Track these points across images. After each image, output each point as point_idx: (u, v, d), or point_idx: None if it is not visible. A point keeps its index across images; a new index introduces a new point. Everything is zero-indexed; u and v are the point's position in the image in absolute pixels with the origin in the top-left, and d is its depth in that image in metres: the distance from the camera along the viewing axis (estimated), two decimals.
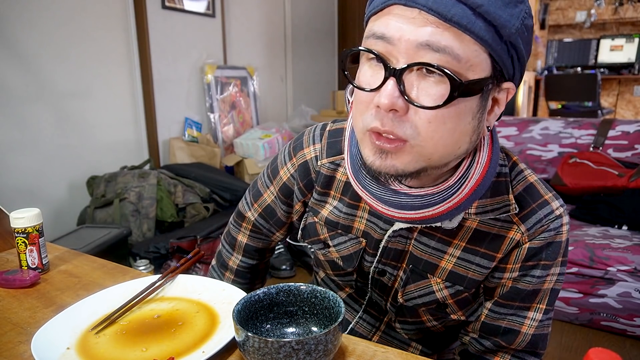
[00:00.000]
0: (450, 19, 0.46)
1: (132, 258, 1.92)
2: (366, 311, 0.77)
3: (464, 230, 0.63)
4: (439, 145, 0.51)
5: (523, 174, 0.63)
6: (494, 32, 0.47)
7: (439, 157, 0.52)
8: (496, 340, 0.66)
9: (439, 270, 0.65)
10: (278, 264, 2.27)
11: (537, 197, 0.62)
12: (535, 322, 0.64)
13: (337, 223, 0.71)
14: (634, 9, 5.69)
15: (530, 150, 2.60)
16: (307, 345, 0.50)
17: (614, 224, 2.03)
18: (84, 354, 0.59)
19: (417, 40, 0.47)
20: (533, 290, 0.63)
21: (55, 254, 0.92)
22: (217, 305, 0.69)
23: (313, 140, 0.72)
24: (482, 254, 0.63)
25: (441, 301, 0.66)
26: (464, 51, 0.47)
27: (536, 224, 0.60)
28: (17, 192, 2.01)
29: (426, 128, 0.49)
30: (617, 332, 1.79)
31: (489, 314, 0.66)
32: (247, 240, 0.84)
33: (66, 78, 2.16)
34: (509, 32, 0.48)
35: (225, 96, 3.05)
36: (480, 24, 0.46)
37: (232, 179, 2.57)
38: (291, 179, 0.74)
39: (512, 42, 0.49)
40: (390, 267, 0.68)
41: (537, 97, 5.97)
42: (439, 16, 0.46)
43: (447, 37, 0.46)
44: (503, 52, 0.49)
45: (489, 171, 0.58)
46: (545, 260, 0.61)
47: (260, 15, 3.42)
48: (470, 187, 0.57)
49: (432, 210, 0.57)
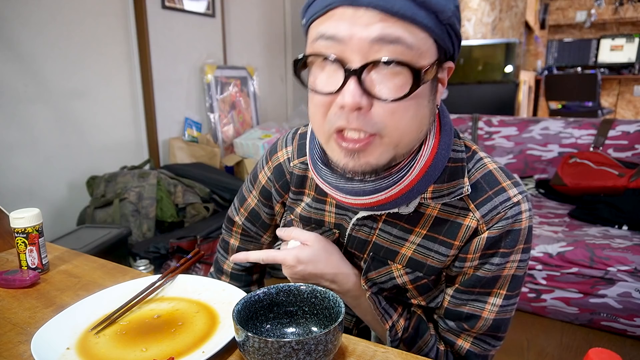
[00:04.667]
0: (395, 13, 0.48)
1: (132, 258, 1.92)
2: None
3: (425, 218, 0.64)
4: (405, 133, 0.54)
5: (482, 162, 0.64)
6: (435, 18, 0.50)
7: (405, 143, 0.55)
8: (460, 323, 0.68)
9: (399, 257, 0.66)
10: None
11: (494, 184, 0.62)
12: (495, 307, 0.65)
13: (309, 218, 0.73)
14: (634, 9, 5.69)
15: (530, 150, 2.60)
16: (307, 345, 0.50)
17: (614, 224, 2.03)
18: (84, 354, 0.59)
19: (370, 36, 0.49)
20: (492, 277, 0.64)
21: (55, 254, 0.92)
22: (217, 305, 0.69)
23: (285, 143, 0.76)
24: (440, 241, 0.64)
25: (402, 286, 0.68)
26: (414, 40, 0.50)
27: (491, 211, 0.61)
28: (17, 192, 2.01)
29: (391, 119, 0.52)
30: (617, 332, 1.79)
31: (451, 300, 0.67)
32: (239, 244, 0.86)
33: (66, 78, 2.16)
34: (447, 15, 0.51)
35: (225, 96, 3.05)
36: (423, 13, 0.49)
37: (232, 179, 2.57)
38: (269, 182, 0.78)
39: (450, 24, 0.52)
40: (355, 258, 0.71)
41: (537, 97, 5.97)
42: (384, 11, 0.48)
43: (397, 29, 0.49)
44: (444, 35, 0.52)
45: (438, 151, 0.60)
46: (504, 248, 0.62)
47: (260, 15, 3.42)
48: (420, 168, 0.58)
49: (384, 193, 0.58)
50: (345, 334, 0.65)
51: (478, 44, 4.69)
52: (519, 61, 4.65)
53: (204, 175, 2.44)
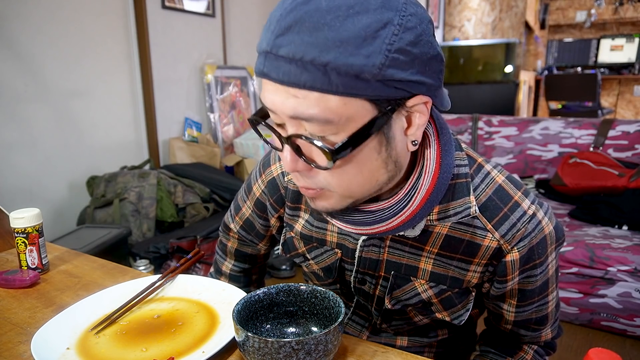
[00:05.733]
0: (304, 86, 0.44)
1: (132, 258, 1.92)
2: (355, 313, 0.79)
3: (434, 237, 0.62)
4: (353, 187, 0.52)
5: (490, 176, 0.62)
6: (356, 79, 0.43)
7: (359, 194, 0.54)
8: (533, 327, 0.70)
9: (420, 272, 0.65)
10: (278, 264, 2.27)
11: (507, 199, 0.61)
12: (554, 300, 0.69)
13: (310, 237, 0.72)
14: (634, 9, 5.69)
15: (530, 150, 2.60)
16: (307, 345, 0.50)
17: (614, 224, 2.03)
18: (84, 354, 0.59)
19: (286, 113, 0.47)
20: (543, 283, 0.65)
21: (55, 254, 0.92)
22: (217, 305, 0.69)
23: (279, 157, 0.73)
24: (458, 259, 0.63)
25: (427, 301, 0.67)
26: (332, 112, 0.45)
27: (511, 229, 0.60)
28: (17, 192, 2.01)
29: (332, 178, 0.51)
30: (617, 332, 1.79)
31: (516, 314, 0.68)
32: (237, 247, 0.87)
33: (66, 78, 2.16)
34: (373, 72, 0.43)
35: (225, 96, 3.05)
36: (337, 80, 0.43)
37: (232, 179, 2.57)
38: (263, 195, 0.76)
39: (383, 77, 0.44)
40: (369, 277, 0.69)
41: (537, 97, 5.98)
42: (294, 86, 0.45)
43: (310, 105, 0.45)
44: (379, 90, 0.45)
45: (440, 176, 0.57)
46: (539, 258, 0.62)
47: (260, 15, 3.42)
48: (422, 197, 0.57)
49: (386, 225, 0.58)
50: (346, 334, 0.65)
51: (478, 44, 4.69)
52: (519, 61, 4.66)
53: (204, 175, 2.44)
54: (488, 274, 0.64)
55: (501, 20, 4.82)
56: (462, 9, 4.98)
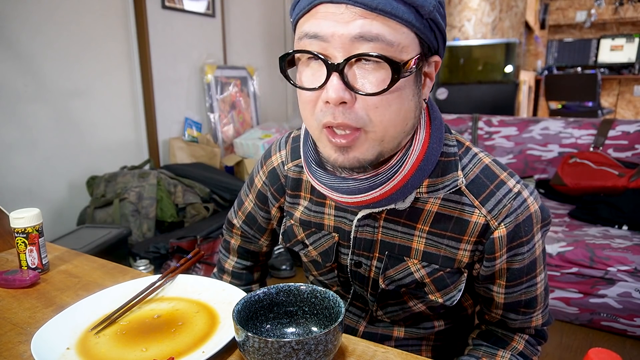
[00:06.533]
0: (375, 8, 0.50)
1: (132, 258, 1.92)
2: (352, 304, 0.80)
3: (424, 214, 0.65)
4: (389, 127, 0.55)
5: (478, 157, 0.66)
6: (415, 12, 0.52)
7: (391, 137, 0.56)
8: (523, 310, 0.70)
9: (413, 252, 0.68)
10: (278, 264, 2.27)
11: (493, 177, 0.64)
12: (542, 281, 0.70)
13: (309, 222, 0.74)
14: (634, 9, 5.69)
15: (530, 150, 2.60)
16: (307, 345, 0.50)
17: (614, 224, 2.03)
18: (84, 354, 0.59)
19: (350, 34, 0.50)
20: (530, 262, 0.67)
21: (55, 254, 0.92)
22: (217, 305, 0.69)
23: (279, 147, 0.77)
24: (448, 237, 0.66)
25: (419, 281, 0.69)
26: (394, 36, 0.51)
27: (497, 205, 0.63)
28: (17, 192, 2.01)
29: (374, 113, 0.53)
30: (617, 332, 1.79)
31: (506, 296, 0.69)
32: (240, 243, 0.89)
33: (66, 78, 2.16)
34: (428, 10, 0.52)
35: (225, 96, 3.05)
36: (403, 8, 0.51)
37: (232, 179, 2.57)
38: (264, 186, 0.79)
39: (432, 18, 0.53)
40: (364, 258, 0.71)
41: (537, 97, 5.97)
42: (365, 7, 0.50)
43: (376, 26, 0.50)
44: (426, 30, 0.54)
45: (430, 145, 0.61)
46: (525, 236, 0.64)
47: (260, 15, 3.42)
48: (412, 162, 0.60)
49: (380, 190, 0.60)
50: (348, 334, 0.65)
51: (478, 44, 4.69)
52: (519, 61, 4.65)
53: (204, 175, 2.44)
54: (478, 253, 0.66)
55: (501, 20, 4.82)
56: (462, 9, 4.98)
